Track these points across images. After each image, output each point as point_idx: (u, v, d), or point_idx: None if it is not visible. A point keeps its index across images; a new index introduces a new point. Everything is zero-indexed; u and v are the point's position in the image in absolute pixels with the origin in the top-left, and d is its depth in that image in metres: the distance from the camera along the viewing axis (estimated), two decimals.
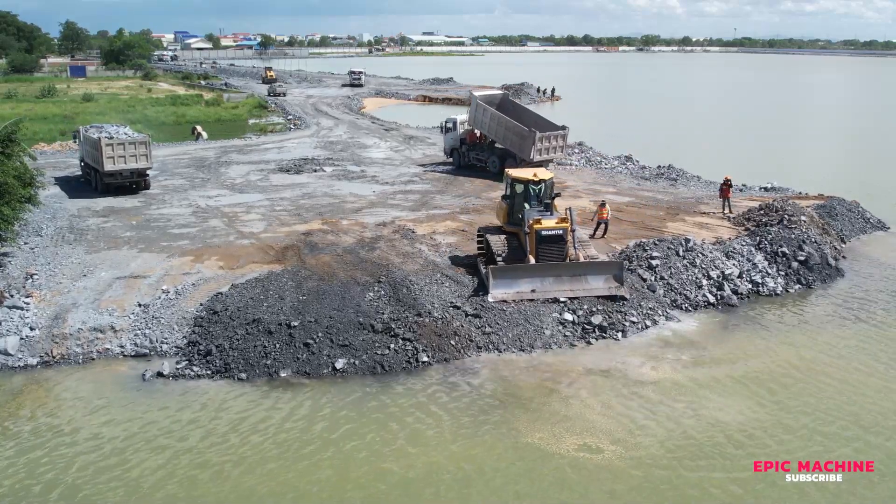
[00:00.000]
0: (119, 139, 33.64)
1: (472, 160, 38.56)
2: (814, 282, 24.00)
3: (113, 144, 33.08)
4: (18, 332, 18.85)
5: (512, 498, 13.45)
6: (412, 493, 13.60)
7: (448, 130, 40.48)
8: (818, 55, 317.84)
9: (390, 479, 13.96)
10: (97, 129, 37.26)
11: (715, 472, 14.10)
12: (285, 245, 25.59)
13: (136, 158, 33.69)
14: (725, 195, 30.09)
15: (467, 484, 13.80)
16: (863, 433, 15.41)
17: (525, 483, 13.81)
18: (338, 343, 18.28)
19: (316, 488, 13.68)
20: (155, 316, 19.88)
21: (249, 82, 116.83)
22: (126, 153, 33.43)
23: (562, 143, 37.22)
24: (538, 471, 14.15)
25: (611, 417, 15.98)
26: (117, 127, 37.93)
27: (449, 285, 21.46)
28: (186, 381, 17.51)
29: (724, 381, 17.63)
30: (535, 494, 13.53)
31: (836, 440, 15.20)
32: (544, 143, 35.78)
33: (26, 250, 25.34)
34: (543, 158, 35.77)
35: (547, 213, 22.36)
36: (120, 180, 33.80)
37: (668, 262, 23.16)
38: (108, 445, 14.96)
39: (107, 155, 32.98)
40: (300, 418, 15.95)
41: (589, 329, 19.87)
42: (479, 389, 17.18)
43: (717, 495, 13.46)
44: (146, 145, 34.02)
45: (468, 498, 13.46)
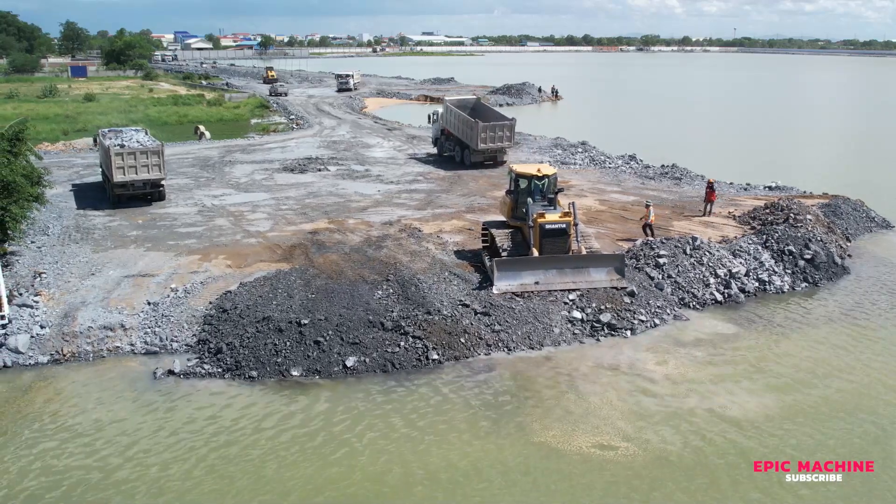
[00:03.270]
0: (130, 148, 31.26)
1: (446, 150, 43.93)
2: (820, 280, 24.03)
3: (123, 154, 30.71)
4: (29, 331, 18.87)
5: (530, 496, 13.48)
6: (428, 491, 13.62)
7: (435, 122, 45.75)
8: (818, 55, 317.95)
9: (405, 476, 13.99)
10: (115, 132, 35.65)
11: (727, 469, 14.14)
12: (292, 244, 25.62)
13: (149, 168, 31.23)
14: (710, 198, 29.72)
15: (485, 482, 13.82)
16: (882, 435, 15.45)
17: (542, 481, 13.84)
18: (348, 341, 18.31)
19: (330, 485, 13.71)
20: (164, 314, 19.90)
21: (250, 82, 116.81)
22: (138, 163, 30.99)
23: (508, 134, 41.22)
24: (554, 469, 14.18)
25: (623, 414, 16.02)
26: (134, 132, 35.86)
27: (457, 283, 21.50)
28: (197, 379, 17.54)
29: (734, 378, 17.67)
30: (552, 493, 13.56)
31: (846, 438, 15.24)
32: (489, 132, 40.36)
33: (33, 249, 25.37)
34: (489, 147, 40.65)
35: (550, 207, 22.85)
36: (132, 191, 31.53)
37: (675, 260, 23.21)
38: (123, 443, 14.98)
39: (117, 165, 30.67)
40: (313, 416, 15.97)
41: (598, 327, 19.93)
42: (490, 387, 17.21)
43: (730, 494, 13.50)
44: (159, 154, 31.43)
45: (488, 496, 13.48)
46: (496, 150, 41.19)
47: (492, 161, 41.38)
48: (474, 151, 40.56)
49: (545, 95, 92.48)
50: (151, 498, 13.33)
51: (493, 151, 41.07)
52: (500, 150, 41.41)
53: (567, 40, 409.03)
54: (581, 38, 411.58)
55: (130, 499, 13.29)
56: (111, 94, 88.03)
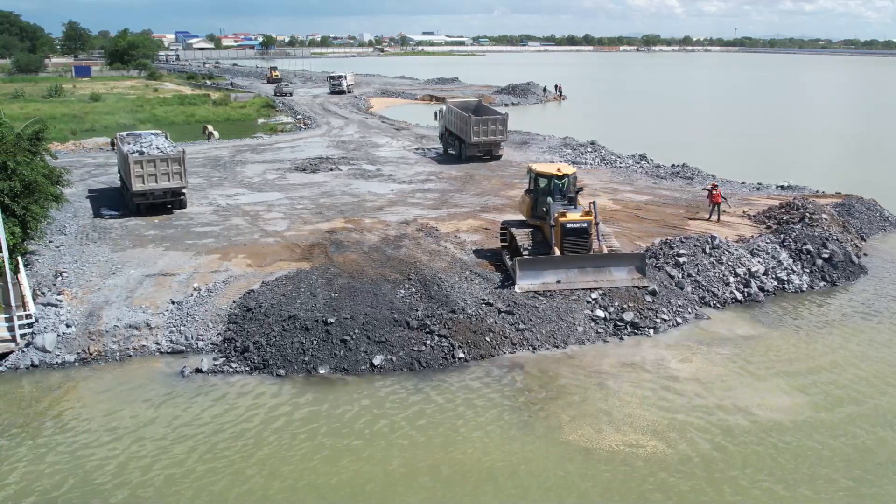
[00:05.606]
0: (150, 155, 29.52)
1: (449, 146, 45.88)
2: (838, 279, 24.10)
3: (143, 161, 29.15)
4: (55, 330, 18.93)
5: (562, 495, 13.54)
6: (459, 489, 13.68)
7: (441, 119, 47.93)
8: (819, 55, 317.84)
9: (434, 474, 14.06)
10: (134, 137, 34.46)
11: (755, 468, 14.21)
12: (311, 243, 25.69)
13: (170, 176, 29.61)
14: (715, 200, 29.14)
15: (517, 480, 13.89)
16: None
17: (575, 480, 13.91)
18: (374, 340, 18.38)
19: (364, 483, 13.77)
20: (189, 313, 19.96)
21: (254, 82, 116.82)
22: (158, 171, 29.38)
23: (501, 128, 42.82)
24: (585, 468, 14.25)
25: (651, 413, 16.08)
26: (153, 136, 34.48)
27: (479, 282, 21.57)
28: (225, 377, 17.62)
29: (761, 377, 17.74)
30: (586, 492, 13.63)
31: (871, 437, 15.31)
32: (482, 126, 42.21)
33: (52, 248, 25.44)
34: (482, 140, 42.31)
35: (571, 206, 22.91)
36: (151, 200, 29.89)
37: (694, 259, 23.28)
38: (157, 440, 15.05)
39: (136, 173, 29.06)
40: (343, 414, 16.03)
41: (621, 325, 20.01)
42: (517, 385, 17.29)
43: (757, 495, 13.56)
44: (181, 161, 29.74)
45: (521, 494, 13.54)
46: (490, 144, 43.00)
47: (488, 155, 43.14)
48: (469, 145, 42.40)
49: (550, 95, 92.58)
50: (187, 495, 13.38)
51: (487, 145, 42.86)
52: (495, 144, 43.29)
53: (568, 40, 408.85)
54: (582, 38, 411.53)
55: (167, 497, 13.35)
56: (116, 94, 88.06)
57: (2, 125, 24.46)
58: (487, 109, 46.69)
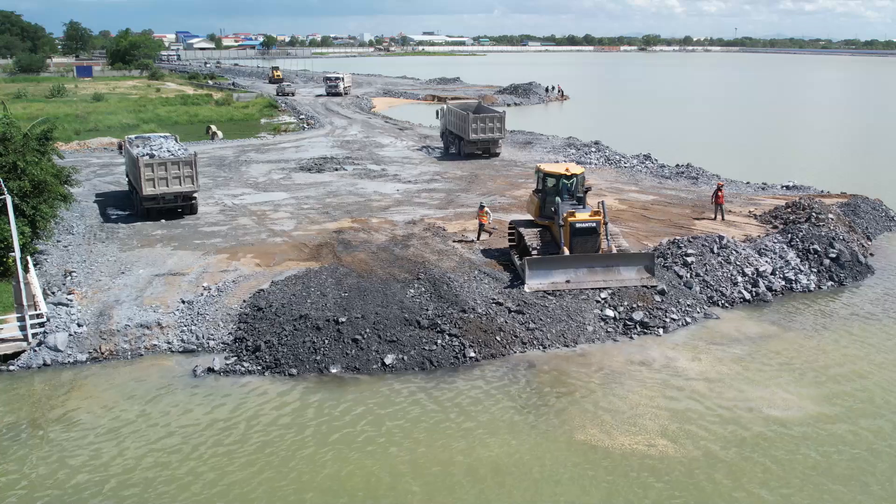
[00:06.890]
0: (161, 158, 28.79)
1: (450, 144, 46.77)
2: (846, 279, 24.13)
3: (153, 165, 28.37)
4: (67, 329, 18.97)
5: (576, 494, 13.59)
6: (471, 487, 13.72)
7: (442, 117, 48.85)
8: (820, 55, 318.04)
9: (447, 473, 14.10)
10: (143, 140, 33.73)
11: (766, 467, 14.25)
12: (319, 243, 25.74)
13: (181, 180, 28.82)
14: (719, 201, 29.19)
15: (530, 479, 13.93)
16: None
17: (588, 479, 13.94)
18: (385, 339, 18.42)
19: (380, 479, 13.82)
20: (200, 312, 20.01)
21: (256, 82, 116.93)
22: (168, 174, 28.63)
23: (499, 125, 43.78)
24: (599, 466, 14.29)
25: (662, 412, 16.12)
26: (163, 139, 33.68)
27: (488, 282, 21.62)
28: (237, 376, 17.66)
29: (772, 375, 17.79)
30: (600, 490, 13.67)
31: (880, 434, 15.35)
32: (479, 123, 43.11)
33: (60, 248, 25.51)
34: (480, 137, 43.24)
35: (580, 206, 22.95)
36: (162, 204, 29.18)
37: (702, 259, 23.32)
38: (169, 439, 15.09)
39: (146, 177, 28.27)
40: (357, 413, 16.07)
41: (630, 325, 20.06)
42: (529, 385, 17.34)
43: (766, 496, 13.60)
44: (192, 165, 28.94)
45: (533, 492, 13.59)
46: (488, 141, 43.76)
47: (486, 153, 43.83)
48: (467, 142, 43.30)
49: (552, 95, 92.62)
50: (202, 493, 13.43)
51: (485, 142, 43.66)
52: (493, 142, 44.00)
53: (568, 40, 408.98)
54: (582, 38, 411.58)
55: (182, 495, 13.40)
56: (119, 94, 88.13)
57: (10, 125, 24.53)
58: (487, 110, 47.26)
